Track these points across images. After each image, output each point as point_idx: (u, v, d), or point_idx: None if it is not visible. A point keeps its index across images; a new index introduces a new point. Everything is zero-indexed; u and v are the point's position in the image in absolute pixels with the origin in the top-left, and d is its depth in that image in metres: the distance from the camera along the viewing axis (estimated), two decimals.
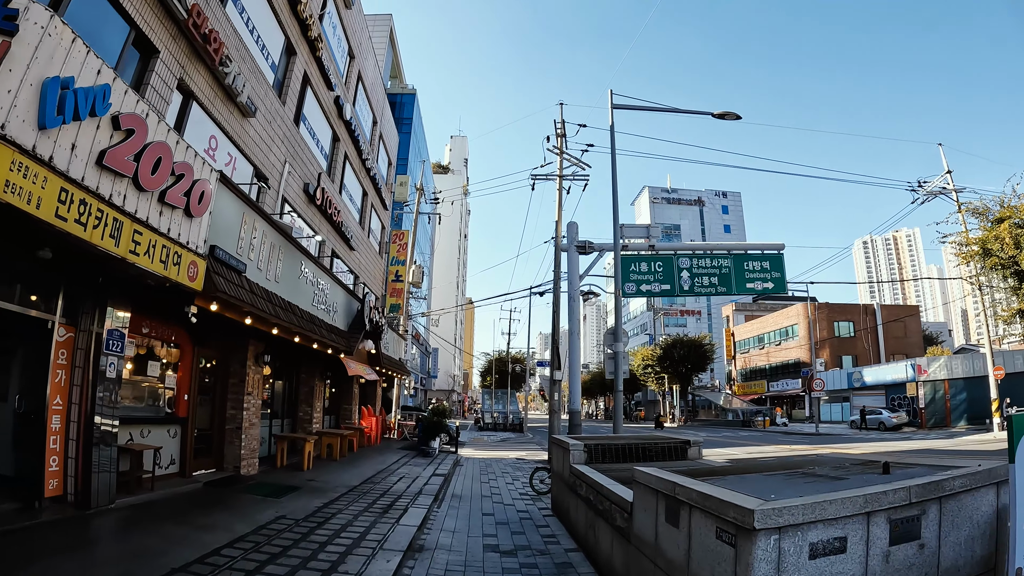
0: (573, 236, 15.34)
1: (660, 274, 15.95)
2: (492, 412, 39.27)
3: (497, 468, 14.05)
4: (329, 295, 11.54)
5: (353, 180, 17.94)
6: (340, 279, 12.32)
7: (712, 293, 16.42)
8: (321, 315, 10.98)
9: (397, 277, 21.60)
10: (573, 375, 13.83)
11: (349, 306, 12.80)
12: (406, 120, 42.37)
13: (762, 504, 2.71)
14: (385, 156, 22.89)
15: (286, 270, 9.35)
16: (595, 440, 7.71)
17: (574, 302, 14.57)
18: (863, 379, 42.69)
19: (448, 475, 11.55)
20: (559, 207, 20.10)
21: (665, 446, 7.72)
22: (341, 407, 16.68)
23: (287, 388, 13.16)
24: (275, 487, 8.95)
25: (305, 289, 10.27)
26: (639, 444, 7.58)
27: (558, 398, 17.76)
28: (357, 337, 12.41)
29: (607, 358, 11.71)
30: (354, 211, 18.13)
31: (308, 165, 13.56)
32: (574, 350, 14.09)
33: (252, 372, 10.04)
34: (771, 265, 16.88)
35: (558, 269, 19.41)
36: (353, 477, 10.35)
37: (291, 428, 13.06)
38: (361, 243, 18.67)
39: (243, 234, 7.89)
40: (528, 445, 24.13)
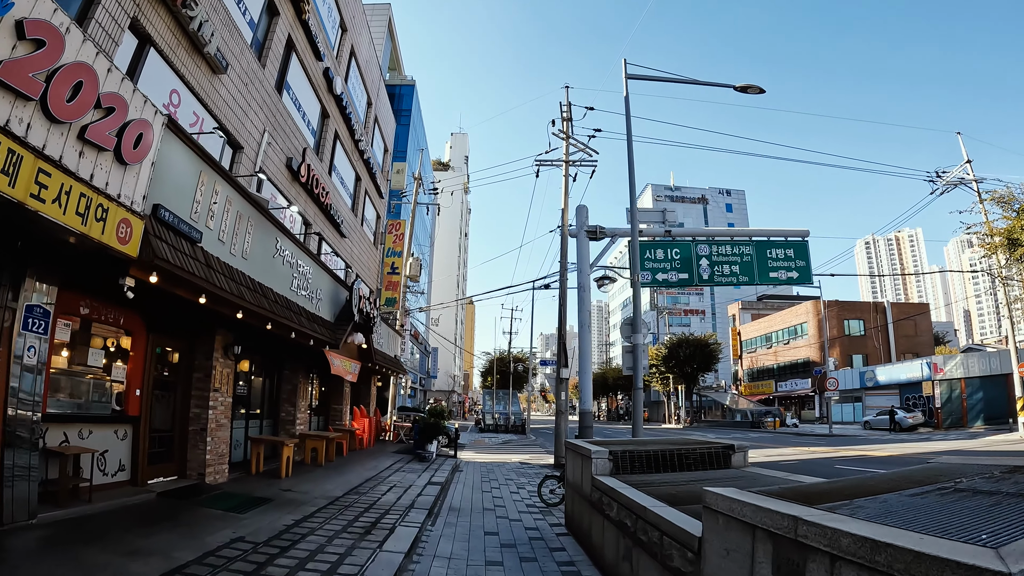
0: (582, 221, 14.06)
1: (677, 262, 14.69)
2: (493, 413, 37.97)
3: (500, 474, 12.75)
4: (312, 280, 10.25)
5: (345, 162, 16.66)
6: (327, 265, 11.03)
7: (733, 283, 15.13)
8: (302, 302, 9.69)
9: (393, 269, 20.32)
10: (583, 372, 12.55)
11: (336, 295, 11.52)
12: (405, 112, 41.08)
13: None
14: (381, 142, 21.61)
15: (258, 247, 8.06)
16: (621, 446, 6.42)
17: (584, 292, 13.29)
18: (876, 378, 41.36)
19: (445, 483, 10.25)
20: (565, 194, 18.89)
21: (705, 452, 6.43)
22: (331, 407, 15.38)
23: (268, 386, 11.87)
24: (243, 499, 7.65)
25: (282, 271, 8.97)
26: (674, 451, 6.29)
27: (565, 398, 16.49)
28: (345, 329, 11.12)
29: (624, 352, 10.44)
30: (346, 196, 16.85)
31: (292, 138, 12.28)
32: (584, 344, 12.80)
33: (220, 365, 8.75)
34: (795, 253, 15.65)
35: (564, 259, 18.18)
36: (337, 486, 9.05)
37: (272, 430, 11.77)
38: (353, 231, 17.39)
39: (200, 197, 6.60)
40: (531, 448, 22.82)
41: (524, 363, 52.71)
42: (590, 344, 12.91)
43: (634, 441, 7.38)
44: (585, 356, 12.76)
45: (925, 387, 37.29)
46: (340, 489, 8.76)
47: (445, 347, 59.94)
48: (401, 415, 21.81)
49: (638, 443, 7.15)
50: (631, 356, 10.25)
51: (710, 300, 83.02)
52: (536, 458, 18.17)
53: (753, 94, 13.42)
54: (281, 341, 10.56)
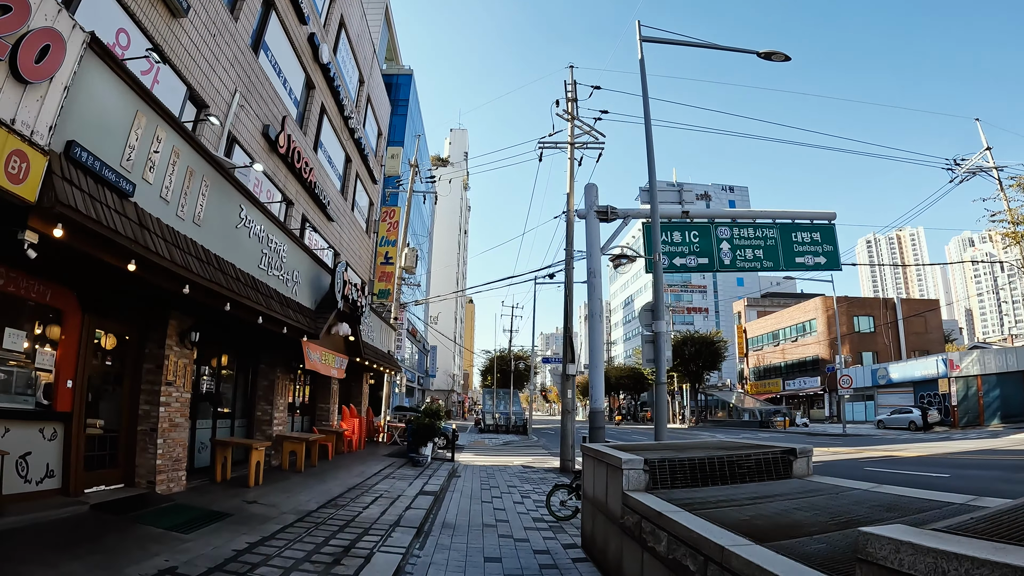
0: (592, 200, 12.79)
1: (696, 245, 13.42)
2: (493, 413, 36.68)
3: (501, 479, 11.49)
4: (288, 260, 8.97)
5: (333, 140, 15.38)
6: (305, 243, 9.74)
7: (757, 269, 13.87)
8: (274, 284, 8.42)
9: (387, 259, 19.05)
10: (595, 367, 11.28)
11: (318, 280, 10.24)
12: (402, 102, 39.78)
13: None
14: (374, 124, 20.34)
15: (216, 213, 6.79)
16: (655, 453, 5.15)
17: (595, 278, 12.02)
18: (889, 376, 40.08)
19: (440, 492, 8.98)
20: (571, 177, 17.66)
21: (760, 459, 5.16)
22: (317, 406, 14.11)
23: (241, 382, 10.60)
24: (195, 513, 6.38)
25: (248, 245, 7.69)
26: (724, 459, 5.01)
27: (572, 396, 15.24)
28: (326, 318, 9.84)
29: (644, 342, 9.17)
30: (334, 177, 15.57)
31: (270, 104, 11.01)
32: (595, 336, 11.53)
33: (175, 355, 7.48)
34: (822, 237, 14.40)
35: (570, 246, 16.94)
36: (313, 497, 7.77)
37: (246, 431, 10.50)
38: (343, 215, 16.11)
39: (134, 141, 5.32)
40: (534, 449, 21.55)
41: (525, 361, 51.43)
42: (602, 336, 11.65)
43: (668, 446, 6.11)
44: (596, 349, 11.49)
45: (941, 384, 36.04)
46: (316, 501, 7.48)
47: (444, 345, 58.68)
48: (397, 415, 20.55)
49: (673, 448, 5.87)
50: (652, 347, 8.99)
51: (714, 298, 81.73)
52: (540, 460, 16.90)
53: (778, 61, 12.18)
54: (254, 330, 9.29)
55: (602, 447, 5.48)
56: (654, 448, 5.90)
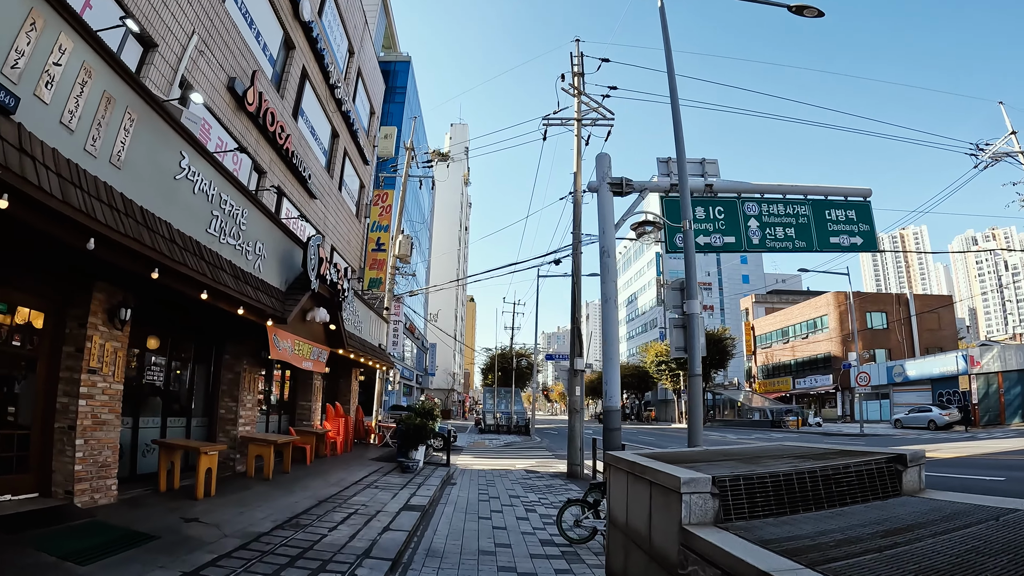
0: (604, 172, 11.34)
1: (721, 222, 11.99)
2: (494, 413, 35.21)
3: (502, 487, 10.07)
4: (249, 229, 7.55)
5: (317, 111, 13.95)
6: (274, 213, 8.30)
7: (788, 249, 12.42)
8: (228, 254, 7.00)
9: (379, 245, 17.63)
10: (609, 360, 9.84)
11: (289, 256, 8.81)
12: (400, 89, 38.36)
13: None
14: (366, 102, 18.91)
15: (144, 156, 5.36)
16: (720, 467, 3.72)
17: (608, 258, 10.58)
18: (905, 373, 38.60)
19: (429, 505, 7.55)
20: (578, 156, 16.28)
21: (862, 470, 3.72)
22: (297, 404, 12.69)
23: (200, 373, 9.19)
24: (114, 534, 4.98)
25: (191, 203, 6.27)
26: (815, 472, 3.57)
27: (581, 393, 13.85)
28: (297, 300, 8.42)
29: (673, 327, 7.73)
30: (318, 151, 14.14)
31: (238, 57, 9.58)
32: (610, 326, 10.08)
33: (100, 336, 6.07)
34: (857, 215, 12.99)
35: (577, 229, 15.54)
36: (272, 514, 6.35)
37: (206, 432, 9.08)
38: (328, 194, 14.68)
39: (25, 46, 3.91)
40: (537, 451, 20.12)
41: (528, 358, 50.00)
42: (616, 324, 10.22)
43: (721, 454, 4.67)
44: (611, 340, 10.04)
45: (961, 382, 34.56)
46: (274, 518, 6.06)
47: (444, 342, 57.28)
48: (393, 415, 19.13)
49: (734, 458, 4.42)
50: (682, 332, 7.55)
51: (719, 295, 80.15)
52: (544, 464, 15.47)
53: (810, 17, 10.73)
54: (211, 312, 7.88)
55: (642, 458, 4.05)
56: (704, 459, 4.46)
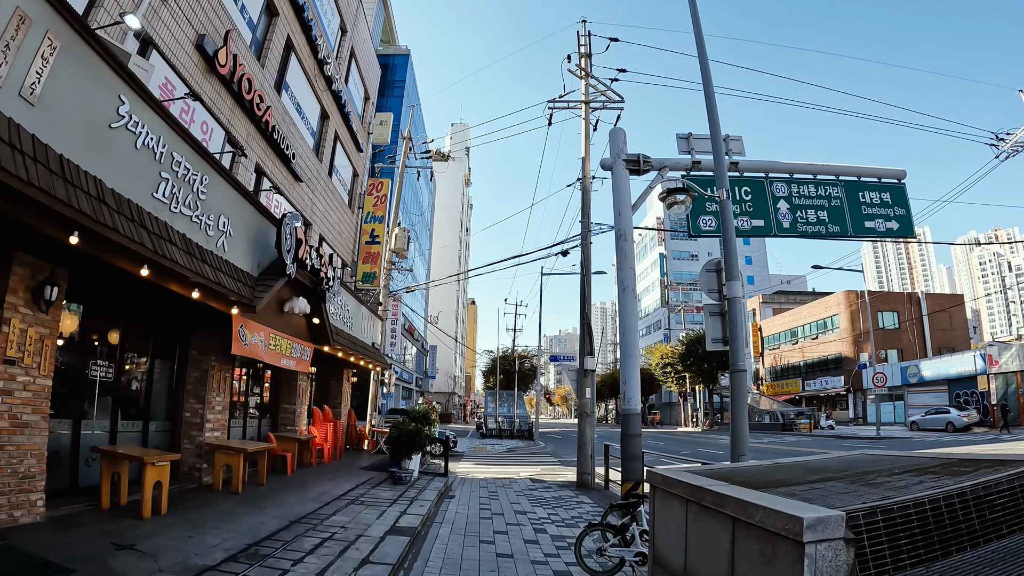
0: (619, 148, 10.22)
1: (748, 204, 10.86)
2: (496, 416, 33.98)
3: (506, 501, 8.90)
4: (211, 200, 6.40)
5: (304, 87, 12.82)
6: (238, 181, 7.15)
7: (821, 235, 11.28)
8: (182, 225, 5.85)
9: (373, 238, 16.49)
10: (628, 355, 8.66)
11: (263, 237, 7.66)
12: (398, 83, 37.36)
13: None
14: (360, 86, 17.80)
15: (69, 94, 4.23)
16: (840, 497, 2.55)
17: (625, 242, 9.44)
18: (920, 373, 37.36)
19: (422, 526, 6.38)
20: (585, 140, 15.23)
21: (1015, 488, 2.55)
22: (280, 407, 11.52)
23: (162, 371, 8.04)
24: (18, 564, 3.83)
25: (132, 159, 5.13)
26: (967, 495, 2.40)
27: (592, 395, 12.70)
28: (270, 286, 7.27)
29: (709, 314, 6.57)
30: (305, 132, 13.01)
31: (208, 13, 8.47)
32: (629, 317, 8.92)
33: (19, 320, 4.92)
34: (892, 198, 11.88)
35: (587, 218, 14.44)
36: (229, 538, 5.18)
37: (167, 438, 7.92)
38: (316, 179, 13.55)
39: None
40: (542, 457, 18.93)
41: (531, 360, 48.77)
42: (635, 316, 9.06)
43: (813, 468, 3.51)
44: (629, 333, 8.87)
45: (980, 382, 33.30)
46: (228, 546, 4.89)
47: (445, 343, 56.08)
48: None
49: (835, 475, 3.25)
50: (720, 320, 6.39)
51: None
52: (551, 471, 14.30)
53: None
54: (175, 299, 6.75)
55: (713, 481, 2.87)
56: (791, 479, 3.29)
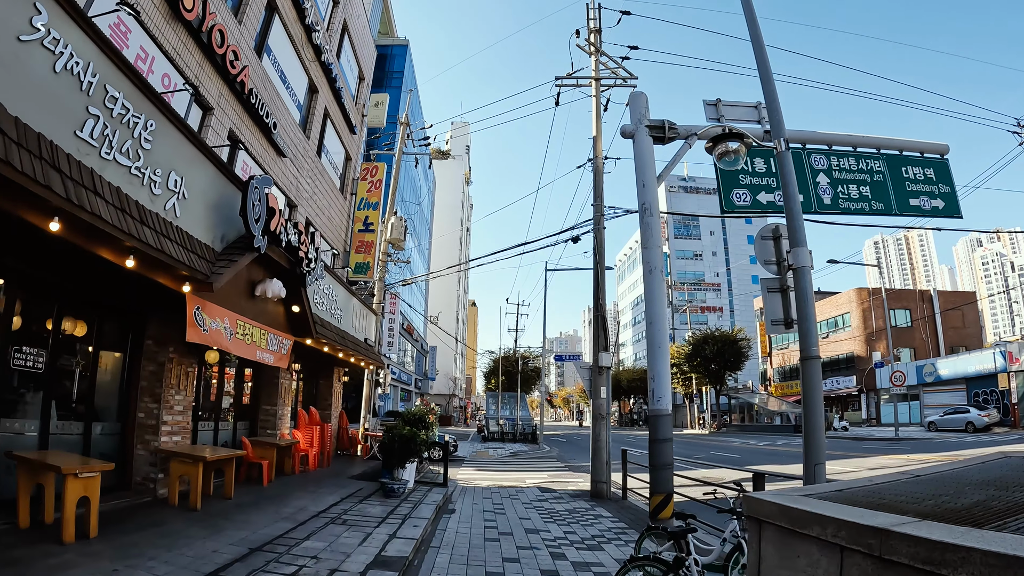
0: (641, 113, 9.05)
1: None
2: (498, 419, 32.73)
3: (513, 515, 7.68)
4: (157, 150, 5.21)
5: (289, 55, 11.64)
6: (196, 133, 5.95)
7: (864, 212, 10.12)
8: (117, 177, 4.67)
9: (367, 225, 15.28)
10: (658, 346, 7.44)
11: (227, 203, 6.45)
12: (397, 74, 36.26)
13: None
14: (354, 63, 16.63)
15: None
16: None
17: (651, 217, 8.26)
18: (936, 372, 36.16)
19: (414, 553, 5.16)
20: (596, 118, 14.11)
21: None
22: (260, 408, 10.30)
23: (109, 362, 6.84)
24: None
25: (49, 85, 3.98)
26: None
27: (607, 396, 11.51)
28: (233, 261, 6.06)
29: (767, 291, 5.32)
30: (291, 104, 11.82)
31: None
32: (656, 302, 7.71)
33: None
34: (936, 175, 10.76)
35: (599, 201, 13.31)
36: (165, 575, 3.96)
37: (116, 443, 6.71)
38: (302, 156, 12.35)
39: None
40: (548, 462, 17.70)
41: (534, 360, 47.55)
42: (664, 302, 7.86)
43: (1005, 478, 2.28)
44: (658, 321, 7.65)
45: (1000, 380, 32.07)
46: None
47: (446, 343, 54.84)
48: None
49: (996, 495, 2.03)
50: (780, 298, 5.18)
51: (728, 296, 77.78)
52: (559, 479, 13.10)
53: None
54: (122, 276, 5.57)
55: (908, 523, 1.65)
56: (948, 504, 2.09)
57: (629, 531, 7.24)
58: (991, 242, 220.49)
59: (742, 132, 5.41)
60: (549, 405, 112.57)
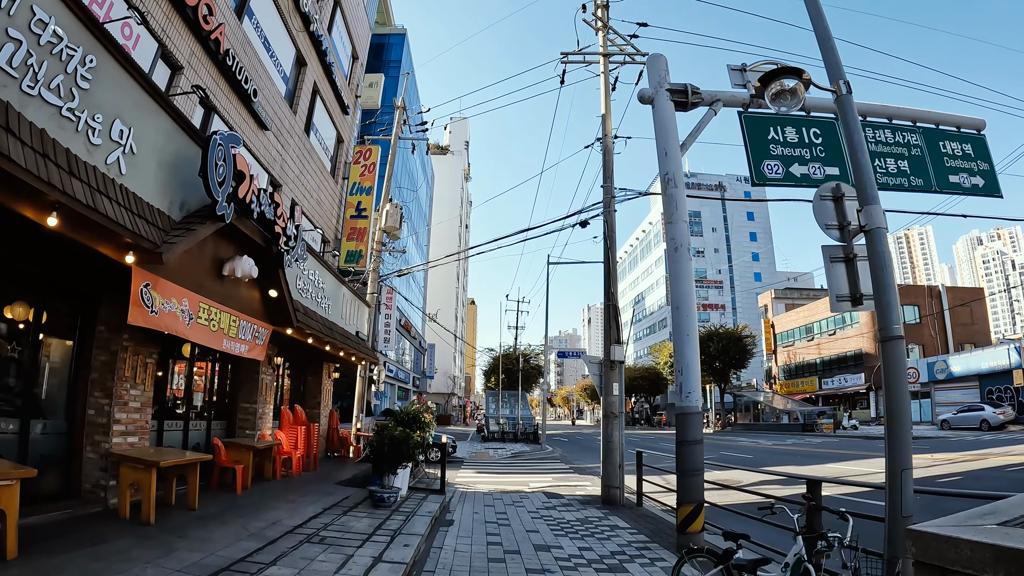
0: (660, 76, 8.14)
1: (820, 148, 8.76)
2: (498, 418, 31.81)
3: (519, 528, 6.76)
4: (97, 92, 4.29)
5: (274, 21, 10.69)
6: (147, 75, 5.01)
7: (903, 188, 9.21)
8: (41, 116, 3.74)
9: (359, 211, 14.31)
10: (683, 333, 6.54)
11: (186, 164, 5.50)
12: (394, 63, 35.27)
13: None
14: (347, 41, 15.69)
15: None
16: None
17: (675, 188, 7.34)
18: (949, 369, 35.29)
19: None
20: (605, 96, 13.28)
21: None
22: (238, 407, 9.35)
23: (53, 351, 5.90)
24: None
25: None
26: None
27: (620, 393, 10.60)
28: (191, 230, 5.14)
29: (831, 262, 4.38)
30: (275, 75, 10.87)
31: None
32: (683, 280, 6.80)
33: None
34: (974, 151, 9.87)
35: (609, 182, 12.47)
36: None
37: (62, 444, 5.78)
38: (289, 132, 11.41)
39: None
40: (551, 463, 16.78)
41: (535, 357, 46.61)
42: (691, 281, 6.93)
43: None
44: (685, 304, 6.74)
45: (1016, 376, 31.17)
46: None
47: (445, 340, 53.90)
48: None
49: None
50: (841, 268, 4.25)
51: (731, 294, 76.88)
52: (565, 482, 12.19)
53: None
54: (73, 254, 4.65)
55: None
56: None
57: (652, 545, 6.33)
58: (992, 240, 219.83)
59: (799, 68, 4.47)
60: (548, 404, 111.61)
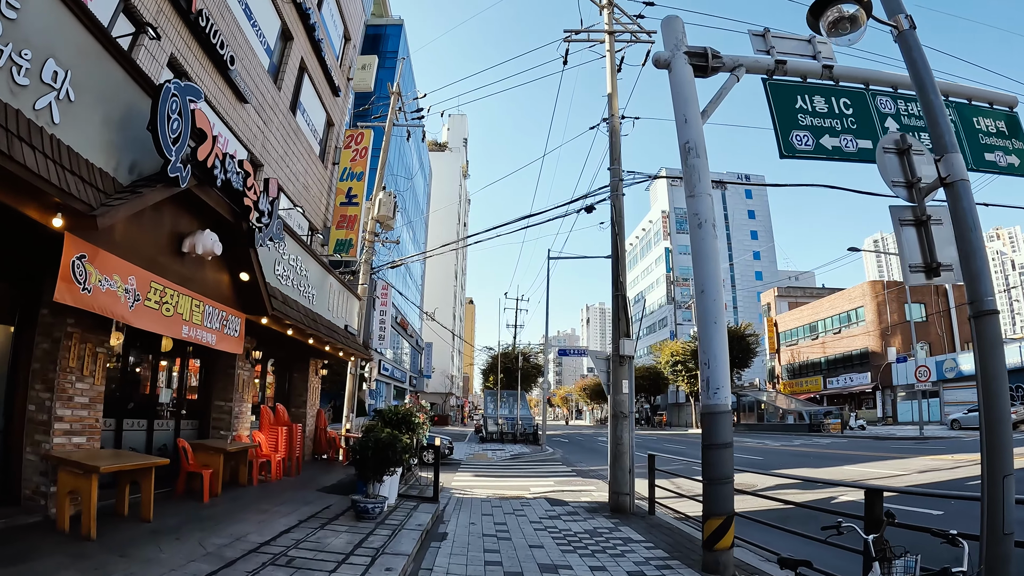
0: (677, 39, 7.37)
1: (851, 120, 8.02)
2: (497, 418, 31.02)
3: (522, 542, 5.97)
4: (25, 23, 3.50)
5: None
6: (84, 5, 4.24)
7: None
8: None
9: (350, 198, 13.50)
10: (711, 320, 5.76)
11: (136, 121, 4.72)
12: (391, 54, 34.50)
13: None
14: (338, 19, 14.90)
15: None
16: None
17: (697, 159, 6.59)
18: (958, 368, 34.64)
19: None
20: (611, 74, 12.60)
21: None
22: (212, 405, 8.54)
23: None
24: None
25: None
26: None
27: (629, 391, 9.82)
28: (138, 194, 4.36)
29: (901, 225, 3.63)
30: (257, 44, 10.07)
31: None
32: (707, 260, 6.03)
33: None
34: (1008, 128, 9.12)
35: (616, 164, 11.73)
36: None
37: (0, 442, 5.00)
38: (272, 109, 10.61)
39: None
40: (553, 466, 15.99)
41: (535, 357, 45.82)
42: (717, 262, 6.15)
43: None
44: (711, 289, 5.97)
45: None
46: None
47: (442, 338, 53.06)
48: None
49: None
50: (912, 233, 3.48)
51: (731, 292, 76.09)
52: (568, 486, 11.41)
53: None
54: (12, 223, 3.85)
55: None
56: None
57: (672, 563, 5.54)
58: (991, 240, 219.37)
59: None
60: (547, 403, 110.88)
